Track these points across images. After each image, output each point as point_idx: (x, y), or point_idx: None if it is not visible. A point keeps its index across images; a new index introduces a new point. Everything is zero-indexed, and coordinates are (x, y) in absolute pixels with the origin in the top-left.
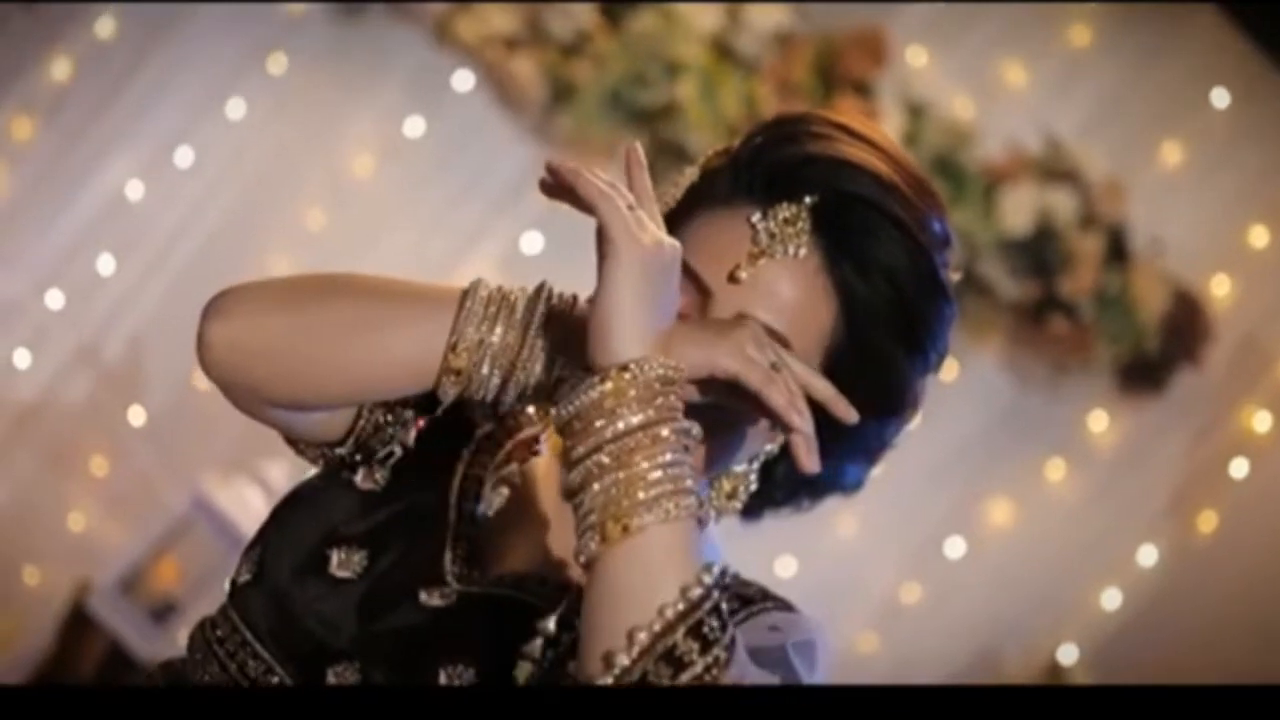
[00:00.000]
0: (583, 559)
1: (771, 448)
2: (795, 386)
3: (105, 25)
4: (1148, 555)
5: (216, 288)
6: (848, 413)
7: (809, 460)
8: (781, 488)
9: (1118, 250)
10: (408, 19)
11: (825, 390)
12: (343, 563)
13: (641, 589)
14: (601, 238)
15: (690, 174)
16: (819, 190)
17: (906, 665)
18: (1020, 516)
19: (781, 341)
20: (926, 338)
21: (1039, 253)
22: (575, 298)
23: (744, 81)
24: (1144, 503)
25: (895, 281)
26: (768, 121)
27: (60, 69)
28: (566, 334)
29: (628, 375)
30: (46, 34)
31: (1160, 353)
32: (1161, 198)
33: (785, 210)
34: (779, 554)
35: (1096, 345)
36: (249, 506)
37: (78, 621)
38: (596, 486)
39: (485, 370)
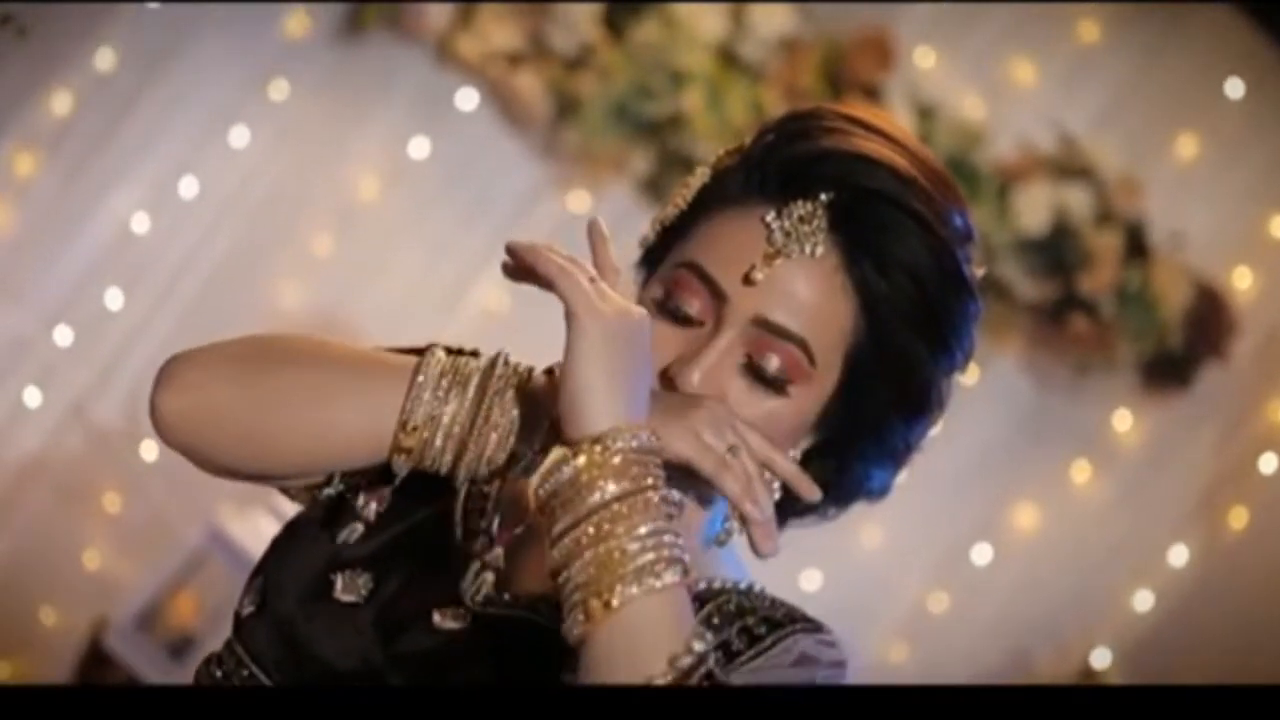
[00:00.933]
0: (571, 640)
1: (793, 454)
2: (753, 469)
3: (105, 57)
4: (1178, 555)
5: (226, 318)
6: (810, 491)
7: (765, 545)
8: None
9: (1136, 246)
10: (408, 39)
11: (787, 468)
12: (347, 586)
13: (629, 664)
14: (565, 313)
15: (701, 174)
16: (834, 186)
17: (937, 674)
18: (1047, 520)
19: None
20: (951, 336)
21: (1056, 251)
22: (530, 370)
23: (751, 89)
24: (1173, 502)
25: (917, 279)
26: (779, 118)
27: (61, 103)
28: (521, 407)
29: (599, 448)
30: (46, 68)
31: (1184, 348)
32: (1179, 191)
33: (800, 208)
34: (804, 567)
35: (1118, 343)
36: (264, 537)
37: (96, 660)
38: (577, 564)
39: (437, 448)
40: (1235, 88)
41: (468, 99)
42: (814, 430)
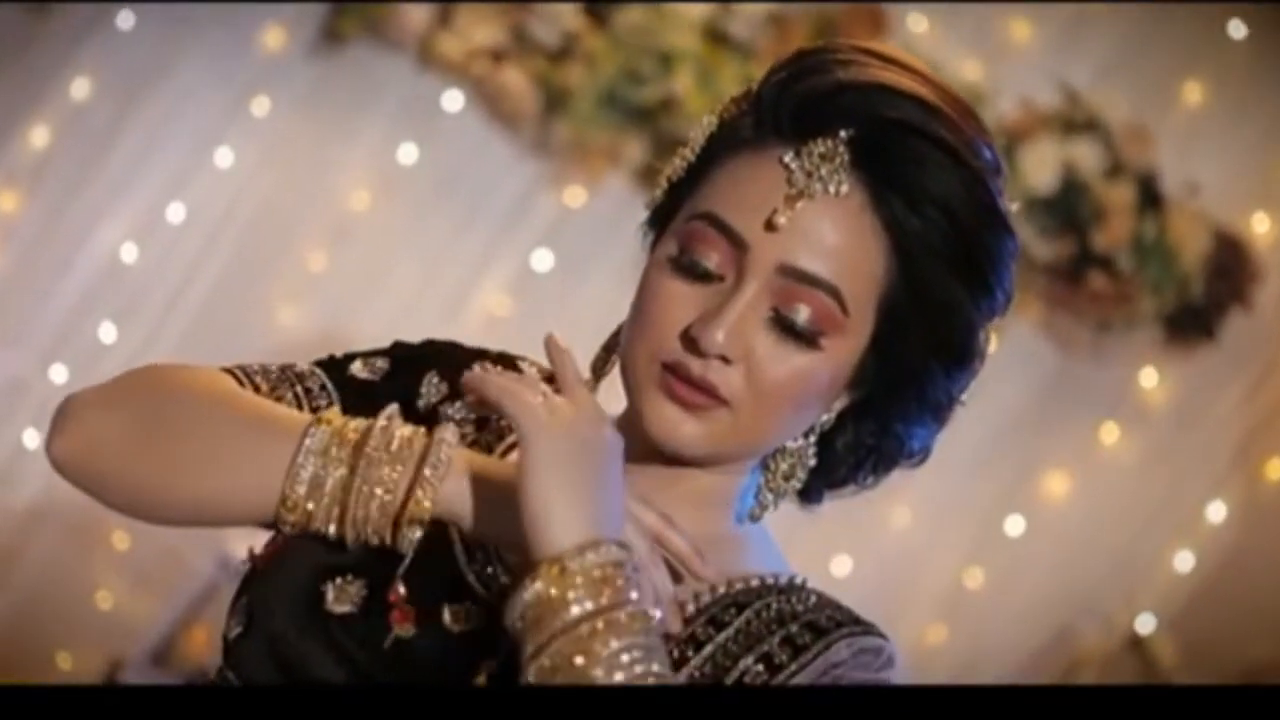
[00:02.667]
0: None
1: (827, 417)
2: (644, 552)
3: (81, 87)
4: (1216, 511)
5: (223, 342)
6: (702, 571)
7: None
8: (844, 461)
9: (1150, 196)
10: (389, 45)
11: (679, 547)
12: (340, 596)
13: None
14: (516, 435)
15: (708, 124)
16: (855, 121)
17: (979, 653)
18: (1078, 487)
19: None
20: (991, 274)
21: (1068, 208)
22: (416, 430)
23: (742, 66)
24: (1206, 457)
25: (951, 213)
26: (790, 55)
27: (39, 136)
28: (400, 468)
29: (556, 569)
30: (21, 102)
31: (1206, 298)
32: (1188, 139)
33: (820, 145)
34: (834, 554)
35: (1139, 297)
36: None
37: None
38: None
39: (318, 524)
40: (1238, 29)
41: (454, 100)
42: (849, 389)
